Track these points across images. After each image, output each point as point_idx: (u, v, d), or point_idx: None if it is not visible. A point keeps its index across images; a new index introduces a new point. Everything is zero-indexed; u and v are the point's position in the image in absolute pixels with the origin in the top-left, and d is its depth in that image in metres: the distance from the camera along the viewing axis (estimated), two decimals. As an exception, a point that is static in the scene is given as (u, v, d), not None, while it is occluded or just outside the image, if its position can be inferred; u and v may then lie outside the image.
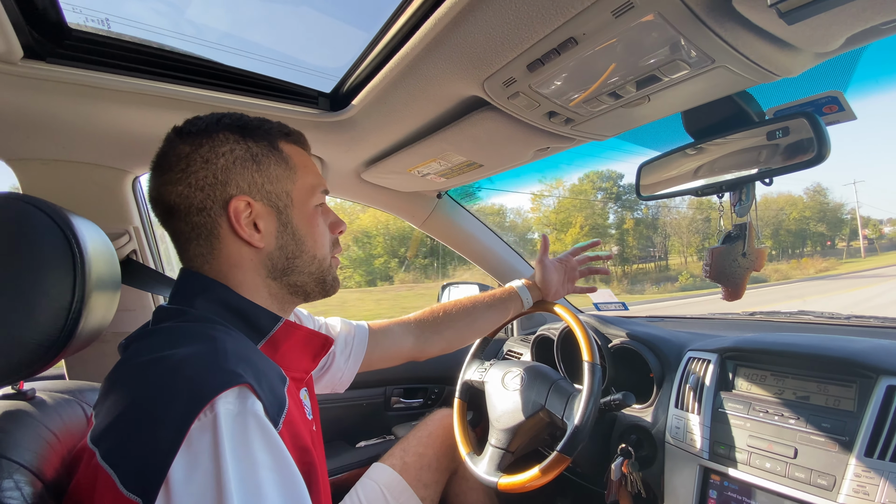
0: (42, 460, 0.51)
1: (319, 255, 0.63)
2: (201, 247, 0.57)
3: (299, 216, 0.61)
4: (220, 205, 0.56)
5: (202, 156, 0.56)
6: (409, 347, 1.01)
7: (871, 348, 0.79)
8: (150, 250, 1.16)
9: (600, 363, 0.95)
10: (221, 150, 0.56)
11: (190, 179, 0.55)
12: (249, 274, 0.59)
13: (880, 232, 46.44)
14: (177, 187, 0.56)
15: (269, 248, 0.59)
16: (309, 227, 0.62)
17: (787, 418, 0.80)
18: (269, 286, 0.61)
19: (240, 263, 0.58)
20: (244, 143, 0.58)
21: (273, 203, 0.59)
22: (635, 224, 37.86)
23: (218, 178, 0.56)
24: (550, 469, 0.88)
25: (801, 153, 0.71)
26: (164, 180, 0.57)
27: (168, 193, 0.56)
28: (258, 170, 0.58)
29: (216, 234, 0.57)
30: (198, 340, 0.49)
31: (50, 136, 0.91)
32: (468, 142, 0.98)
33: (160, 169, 0.57)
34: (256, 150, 0.59)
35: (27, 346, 0.51)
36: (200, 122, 0.59)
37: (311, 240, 0.62)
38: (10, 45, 0.65)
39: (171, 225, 0.58)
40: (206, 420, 0.41)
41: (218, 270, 0.58)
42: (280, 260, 0.60)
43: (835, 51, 0.59)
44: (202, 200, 0.56)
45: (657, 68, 0.64)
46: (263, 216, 0.58)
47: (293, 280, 0.62)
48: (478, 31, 0.61)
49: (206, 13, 0.84)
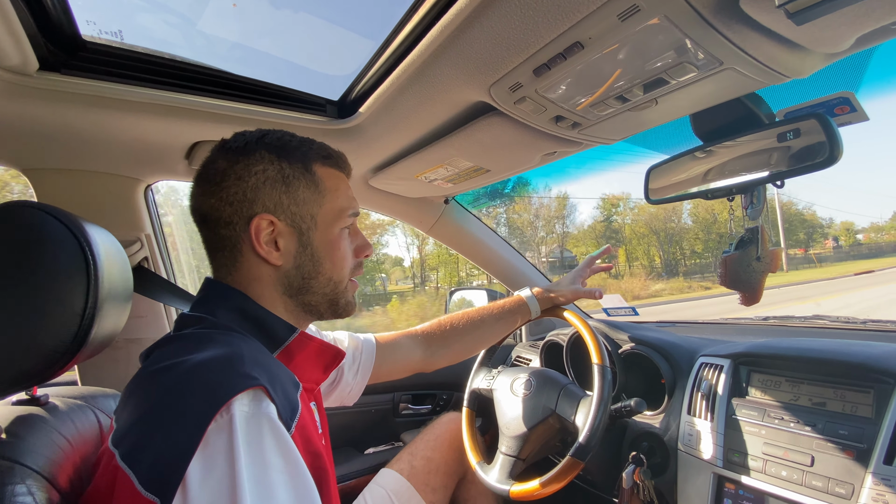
0: (55, 466, 0.51)
1: (336, 279, 0.65)
2: (225, 258, 0.60)
3: (321, 239, 0.63)
4: (245, 221, 0.58)
5: (236, 172, 0.58)
6: (417, 360, 1.02)
7: (888, 353, 0.77)
8: (161, 257, 1.17)
9: (611, 367, 0.94)
10: (255, 168, 0.59)
11: (222, 194, 0.58)
12: (268, 289, 0.61)
13: (853, 238, 42.92)
14: (210, 199, 0.59)
15: (287, 267, 0.61)
16: (329, 250, 0.64)
17: (802, 425, 0.79)
18: (285, 302, 0.63)
19: (259, 278, 0.61)
20: (278, 164, 0.60)
21: (296, 224, 0.61)
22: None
23: (247, 196, 0.58)
24: (563, 475, 0.87)
25: (812, 155, 0.70)
26: (202, 191, 0.60)
27: (203, 204, 0.60)
28: (286, 191, 0.60)
29: (238, 248, 0.60)
30: (215, 346, 0.50)
31: (64, 145, 0.93)
32: (475, 147, 0.98)
33: (200, 179, 0.61)
34: (289, 172, 0.61)
35: (41, 351, 0.52)
36: (243, 138, 0.61)
37: (330, 262, 0.64)
38: (25, 57, 0.67)
39: (203, 233, 0.62)
40: (222, 421, 0.42)
41: (239, 281, 0.60)
42: (296, 279, 0.62)
43: (845, 51, 0.59)
44: (230, 215, 0.58)
45: (664, 71, 0.63)
46: (285, 235, 0.60)
47: (307, 299, 0.64)
48: (484, 36, 0.62)
49: (216, 24, 0.85)
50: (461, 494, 1.15)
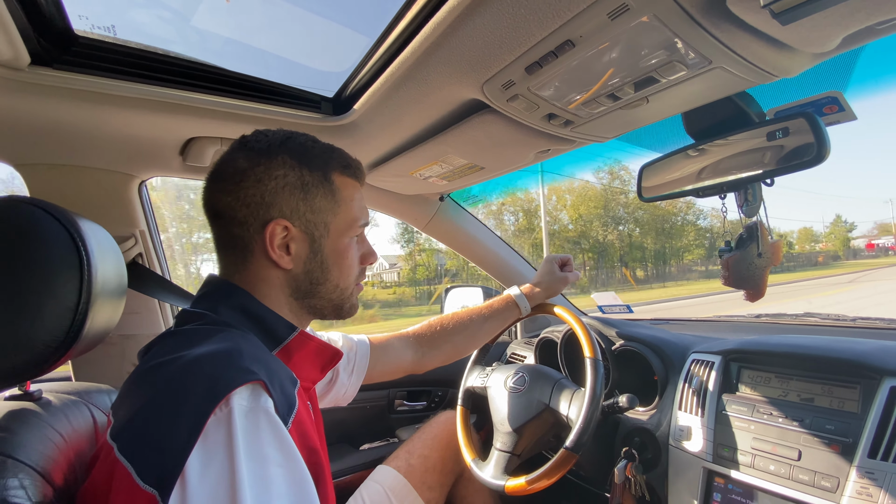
0: (48, 460, 0.51)
1: (342, 286, 0.66)
2: (235, 256, 0.61)
3: (331, 247, 0.64)
4: (260, 224, 0.58)
5: (256, 174, 0.58)
6: (408, 362, 1.03)
7: (875, 349, 0.78)
8: (155, 253, 1.17)
9: (603, 362, 0.95)
10: (276, 173, 0.59)
11: (240, 193, 0.58)
12: (274, 290, 0.62)
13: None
14: (226, 197, 0.59)
15: (296, 271, 0.62)
16: (338, 259, 0.65)
17: (790, 420, 0.80)
18: (290, 304, 0.63)
19: (267, 279, 0.61)
20: (298, 171, 0.60)
21: (309, 231, 0.61)
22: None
23: (265, 200, 0.58)
24: (557, 468, 0.88)
25: (800, 153, 0.71)
26: (218, 188, 0.60)
27: (217, 201, 0.60)
28: (304, 198, 0.60)
29: (250, 249, 0.60)
30: (214, 341, 0.50)
31: (57, 141, 0.93)
32: (469, 144, 0.98)
33: (216, 175, 0.60)
34: (308, 179, 0.61)
35: (33, 346, 0.52)
36: (265, 139, 0.61)
37: (338, 270, 0.65)
38: (17, 51, 0.67)
39: (215, 229, 0.62)
40: (221, 415, 0.43)
41: (247, 281, 0.61)
42: (304, 283, 0.63)
43: (832, 51, 0.59)
44: (245, 216, 0.58)
45: (655, 70, 0.64)
46: (297, 241, 0.61)
47: (313, 303, 0.65)
48: (476, 34, 0.62)
49: (210, 20, 0.85)
50: (458, 492, 1.16)
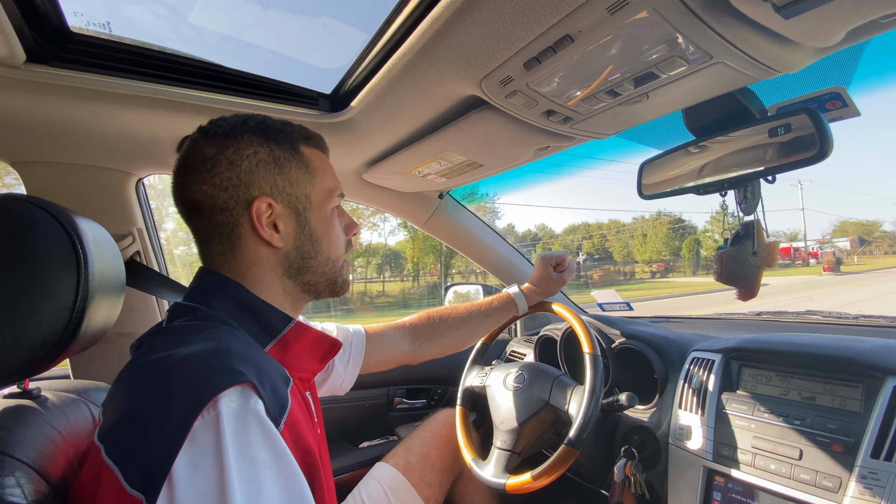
0: (46, 458, 0.51)
1: (333, 257, 0.66)
2: (222, 245, 0.59)
3: (317, 218, 0.63)
4: (243, 205, 0.58)
5: (227, 157, 0.57)
6: (404, 352, 1.02)
7: (878, 348, 0.78)
8: (153, 251, 1.17)
9: (603, 359, 0.94)
10: (246, 152, 0.58)
11: (215, 180, 0.57)
12: (267, 272, 0.61)
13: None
14: (202, 187, 0.57)
15: (287, 248, 0.61)
16: (325, 229, 0.64)
17: (792, 419, 0.79)
18: (283, 284, 0.63)
19: (258, 262, 0.60)
20: (267, 147, 0.60)
21: (293, 205, 0.61)
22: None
23: (242, 180, 0.58)
24: (557, 465, 0.87)
25: (802, 150, 0.70)
26: (190, 180, 0.58)
27: (193, 192, 0.58)
28: (280, 172, 0.60)
29: (237, 234, 0.59)
30: (203, 339, 0.49)
31: (53, 138, 0.93)
32: (468, 141, 0.97)
33: (185, 168, 0.59)
34: (279, 154, 0.60)
35: (31, 344, 0.52)
36: (226, 123, 0.60)
37: (327, 241, 0.65)
38: (12, 49, 0.66)
39: (194, 223, 0.61)
40: (209, 417, 0.42)
41: (237, 269, 0.60)
42: (296, 259, 0.62)
43: (835, 46, 0.58)
44: (225, 200, 0.57)
45: (655, 65, 0.63)
46: (283, 217, 0.60)
47: (307, 279, 0.64)
48: (473, 30, 0.61)
49: (206, 16, 0.85)
50: (457, 490, 1.16)
